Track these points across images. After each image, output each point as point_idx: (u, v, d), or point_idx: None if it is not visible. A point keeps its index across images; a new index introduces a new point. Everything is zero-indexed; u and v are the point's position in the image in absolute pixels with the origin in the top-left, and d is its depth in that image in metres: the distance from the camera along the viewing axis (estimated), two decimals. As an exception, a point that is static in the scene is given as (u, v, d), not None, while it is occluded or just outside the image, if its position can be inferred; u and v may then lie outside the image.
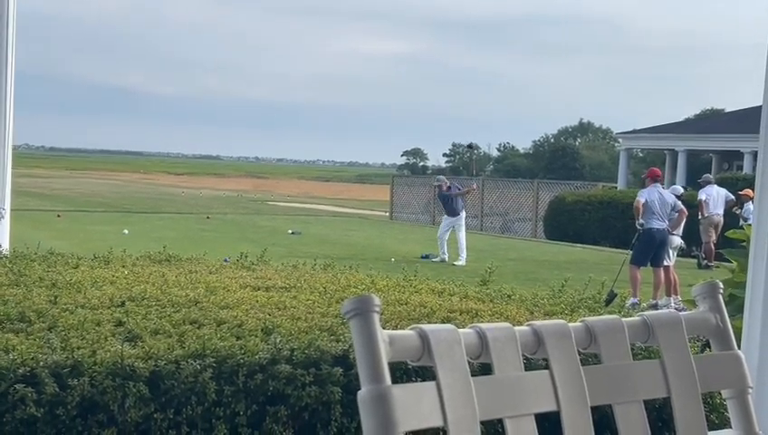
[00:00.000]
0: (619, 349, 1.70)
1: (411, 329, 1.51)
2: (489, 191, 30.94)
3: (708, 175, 19.54)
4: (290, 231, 22.86)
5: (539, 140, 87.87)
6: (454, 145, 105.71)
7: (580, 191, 26.57)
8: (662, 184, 13.79)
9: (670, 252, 12.61)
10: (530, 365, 1.58)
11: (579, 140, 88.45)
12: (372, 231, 25.17)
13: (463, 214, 18.25)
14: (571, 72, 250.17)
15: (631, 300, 10.78)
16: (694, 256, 17.74)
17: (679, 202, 12.74)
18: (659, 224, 12.19)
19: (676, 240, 12.91)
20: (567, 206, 25.46)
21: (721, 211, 17.57)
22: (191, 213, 29.86)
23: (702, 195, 17.60)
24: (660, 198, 12.32)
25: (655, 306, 11.63)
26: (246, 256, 6.32)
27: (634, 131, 37.65)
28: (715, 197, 17.66)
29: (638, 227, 12.27)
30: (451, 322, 3.85)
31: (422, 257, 17.81)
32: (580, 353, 1.63)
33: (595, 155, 76.63)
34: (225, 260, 12.47)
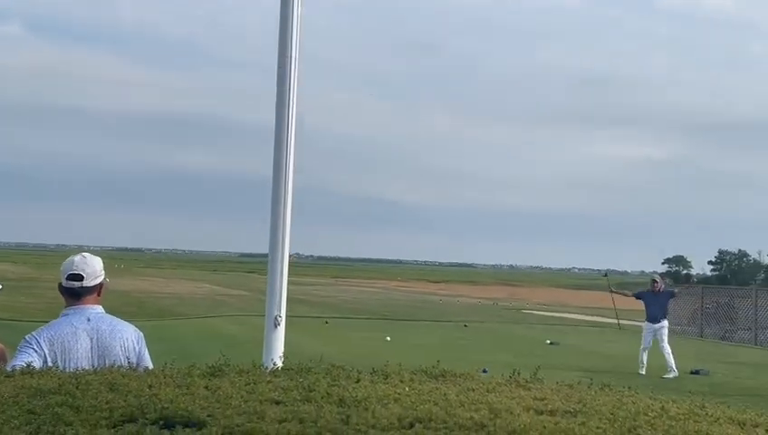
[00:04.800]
0: None
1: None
2: (763, 301, 28.71)
3: None
4: (548, 341, 22.40)
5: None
6: (720, 252, 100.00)
7: None
8: None
9: None
10: None
11: None
12: (632, 343, 24.02)
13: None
14: None
15: None
16: None
17: None
18: None
19: None
20: None
21: None
22: (449, 321, 30.16)
23: None
24: None
25: None
26: (519, 373, 6.14)
27: None
28: None
29: None
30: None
31: (691, 373, 16.70)
32: None
33: None
34: (484, 371, 12.37)
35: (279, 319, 10.50)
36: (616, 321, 31.18)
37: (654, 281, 17.64)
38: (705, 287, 36.08)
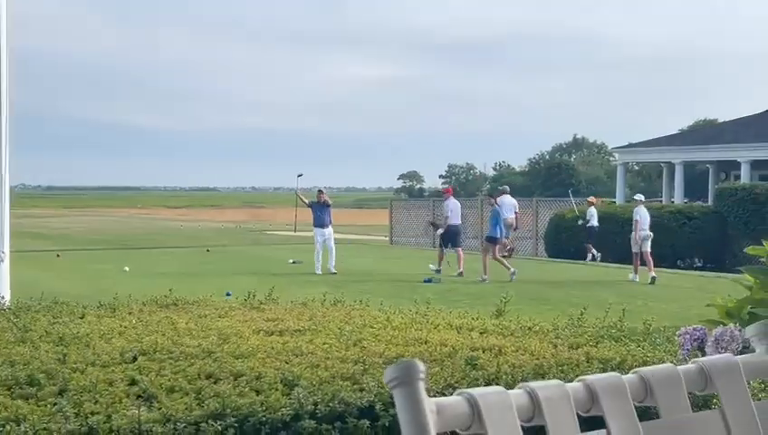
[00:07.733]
0: (678, 401, 1.61)
1: (459, 395, 1.42)
2: (488, 211, 30.81)
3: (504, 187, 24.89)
4: (290, 260, 22.73)
5: (534, 158, 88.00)
6: (449, 166, 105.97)
7: (580, 207, 26.44)
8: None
9: None
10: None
11: (574, 155, 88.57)
12: (373, 256, 25.04)
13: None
14: (562, 89, 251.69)
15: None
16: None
17: None
18: None
19: None
20: (567, 222, 25.38)
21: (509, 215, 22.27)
22: (191, 246, 29.70)
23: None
24: None
25: None
26: (254, 295, 6.17)
27: (629, 145, 37.61)
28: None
29: None
30: (476, 361, 3.73)
31: (425, 281, 17.69)
32: (636, 408, 1.54)
33: (591, 170, 76.61)
34: (227, 294, 12.33)
35: (2, 255, 9.78)
36: (359, 236, 32.17)
37: (320, 192, 20.43)
38: (436, 200, 38.09)
